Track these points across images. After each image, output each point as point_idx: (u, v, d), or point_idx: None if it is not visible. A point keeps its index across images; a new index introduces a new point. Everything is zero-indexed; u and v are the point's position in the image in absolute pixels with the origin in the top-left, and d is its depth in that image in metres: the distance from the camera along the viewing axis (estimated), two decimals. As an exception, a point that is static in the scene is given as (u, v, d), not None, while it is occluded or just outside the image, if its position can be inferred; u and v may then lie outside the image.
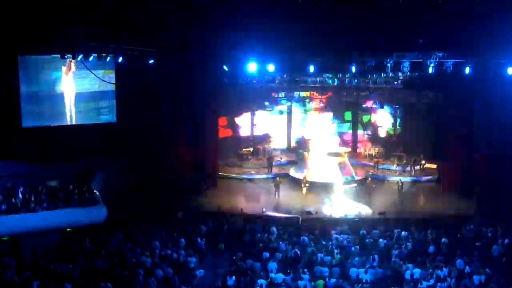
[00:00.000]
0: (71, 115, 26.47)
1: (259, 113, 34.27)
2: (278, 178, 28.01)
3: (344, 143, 34.94)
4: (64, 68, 25.78)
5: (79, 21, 23.16)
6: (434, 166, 30.71)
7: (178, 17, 23.99)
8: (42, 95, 25.88)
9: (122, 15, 23.38)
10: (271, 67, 23.33)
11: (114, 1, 22.77)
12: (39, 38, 23.39)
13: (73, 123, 26.50)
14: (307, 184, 27.77)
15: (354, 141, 35.01)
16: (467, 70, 22.19)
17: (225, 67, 24.68)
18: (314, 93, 33.22)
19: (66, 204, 21.65)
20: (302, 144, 33.99)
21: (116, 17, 23.41)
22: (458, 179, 27.49)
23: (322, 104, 34.11)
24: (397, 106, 31.94)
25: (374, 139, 34.44)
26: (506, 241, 20.36)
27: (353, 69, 23.22)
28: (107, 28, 23.34)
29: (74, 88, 26.30)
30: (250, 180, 30.36)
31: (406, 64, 22.80)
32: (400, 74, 28.04)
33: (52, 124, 26.15)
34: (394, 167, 31.43)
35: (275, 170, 31.15)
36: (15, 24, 23.17)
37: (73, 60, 23.90)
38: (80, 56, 22.53)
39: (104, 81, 25.85)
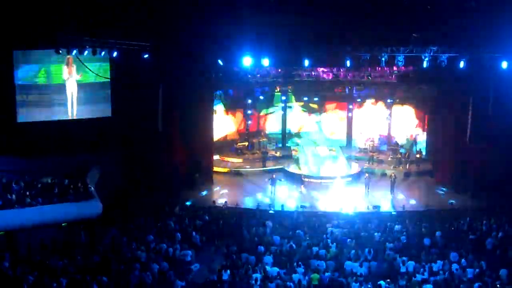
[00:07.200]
0: (72, 109, 26.44)
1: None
2: (273, 175, 27.88)
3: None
4: (65, 67, 25.77)
5: (75, 16, 23.15)
6: (428, 159, 30.82)
7: (174, 12, 23.98)
8: (40, 90, 25.82)
9: (116, 9, 23.36)
10: (265, 62, 23.35)
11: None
12: (34, 32, 23.33)
13: (75, 117, 26.49)
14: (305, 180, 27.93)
15: (349, 135, 34.98)
16: (462, 64, 22.26)
17: (220, 62, 24.65)
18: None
19: (61, 199, 21.61)
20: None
21: (111, 11, 23.39)
22: (452, 172, 27.61)
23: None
24: (391, 101, 31.95)
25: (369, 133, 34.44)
26: (500, 234, 20.50)
27: (348, 63, 23.23)
28: (102, 22, 23.31)
29: (76, 83, 26.27)
30: (245, 174, 30.34)
31: (400, 58, 22.85)
32: (394, 68, 28.18)
33: (51, 119, 26.08)
34: (388, 160, 31.51)
35: (270, 164, 31.18)
36: (10, 19, 23.10)
37: (69, 56, 23.96)
38: (75, 51, 22.51)
39: (99, 76, 25.84)
